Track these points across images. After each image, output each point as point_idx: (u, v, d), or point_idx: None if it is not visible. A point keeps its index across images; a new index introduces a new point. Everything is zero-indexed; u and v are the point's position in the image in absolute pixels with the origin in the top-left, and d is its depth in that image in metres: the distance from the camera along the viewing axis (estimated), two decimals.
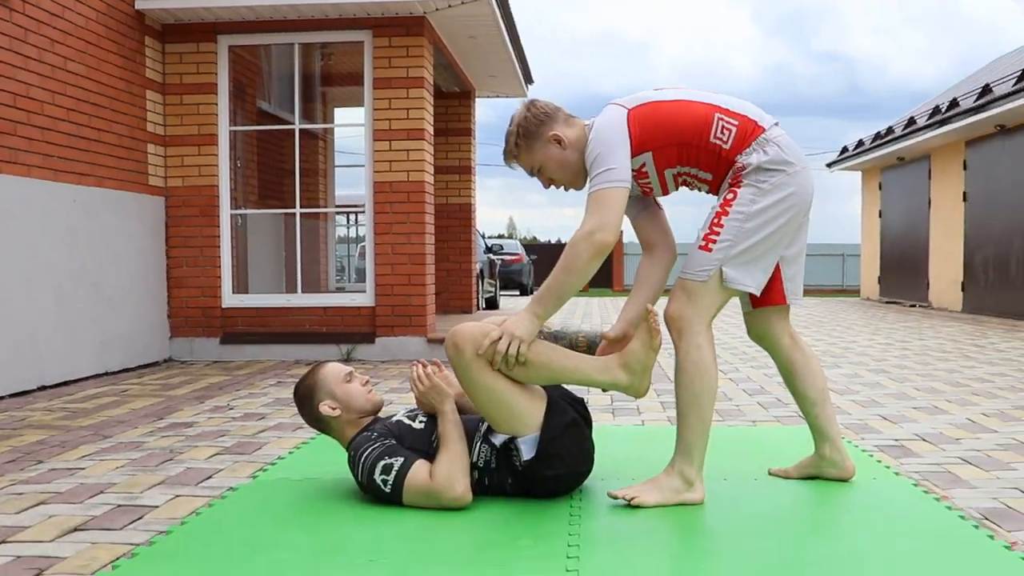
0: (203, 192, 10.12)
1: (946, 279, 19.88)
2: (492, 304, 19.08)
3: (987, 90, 16.89)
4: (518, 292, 31.88)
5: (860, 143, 24.23)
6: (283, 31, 10.08)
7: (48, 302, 8.11)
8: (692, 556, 3.32)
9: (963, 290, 18.91)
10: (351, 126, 11.38)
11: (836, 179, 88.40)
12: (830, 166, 26.62)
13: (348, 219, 28.97)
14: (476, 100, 14.36)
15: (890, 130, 22.28)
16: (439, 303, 13.35)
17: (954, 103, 18.58)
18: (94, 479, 4.61)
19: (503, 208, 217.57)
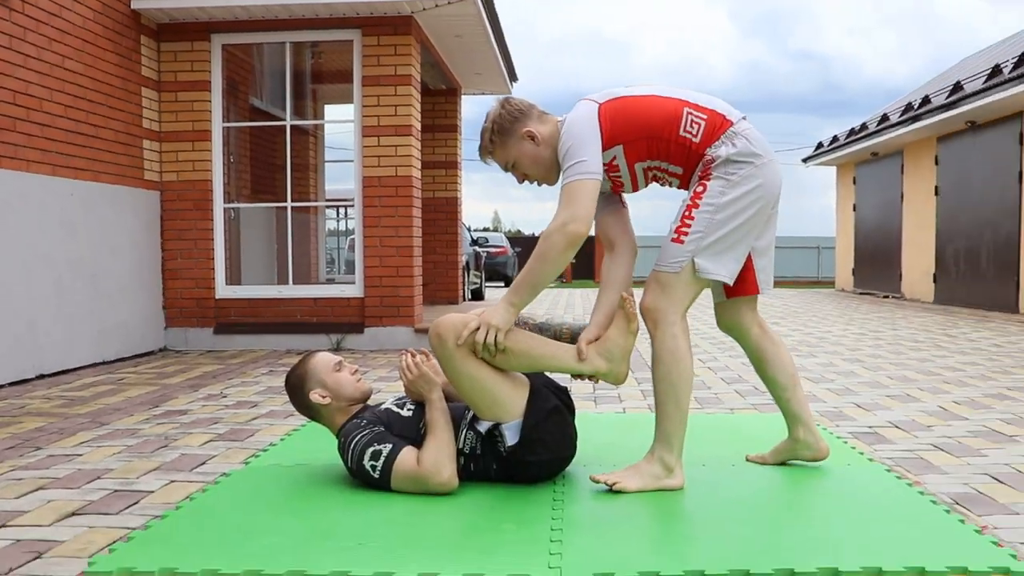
0: (197, 187, 10.10)
1: (918, 271, 19.93)
2: (478, 295, 19.08)
3: (958, 88, 16.92)
4: (503, 283, 31.85)
5: (835, 139, 24.24)
6: (275, 30, 10.06)
7: (47, 293, 8.10)
8: (672, 540, 3.33)
9: (935, 281, 18.95)
10: (341, 122, 11.37)
11: (812, 174, 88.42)
12: (806, 161, 26.63)
13: (338, 213, 28.92)
14: (462, 97, 14.33)
15: (864, 126, 22.30)
16: (426, 294, 13.35)
17: (926, 100, 18.61)
18: (91, 465, 4.61)
19: (488, 202, 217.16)
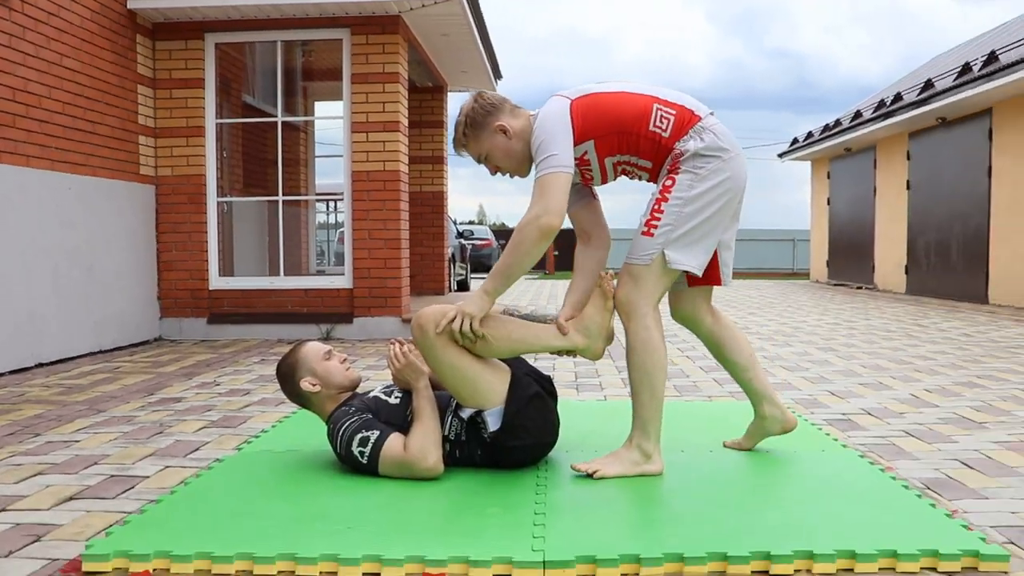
0: (191, 181, 10.07)
1: (891, 263, 19.99)
2: (463, 286, 19.06)
3: (929, 85, 16.99)
4: (487, 275, 31.83)
5: (810, 135, 24.28)
6: (267, 29, 10.03)
7: (45, 284, 8.07)
8: (651, 524, 3.34)
9: (907, 273, 19.02)
10: (330, 119, 11.35)
11: (787, 168, 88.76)
12: (781, 156, 26.63)
13: (328, 206, 28.83)
14: (448, 94, 14.30)
15: (838, 122, 22.34)
16: (413, 285, 13.34)
17: (898, 97, 18.65)
18: (88, 451, 4.60)
19: (474, 196, 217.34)
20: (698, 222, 3.84)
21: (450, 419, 3.95)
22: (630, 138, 3.88)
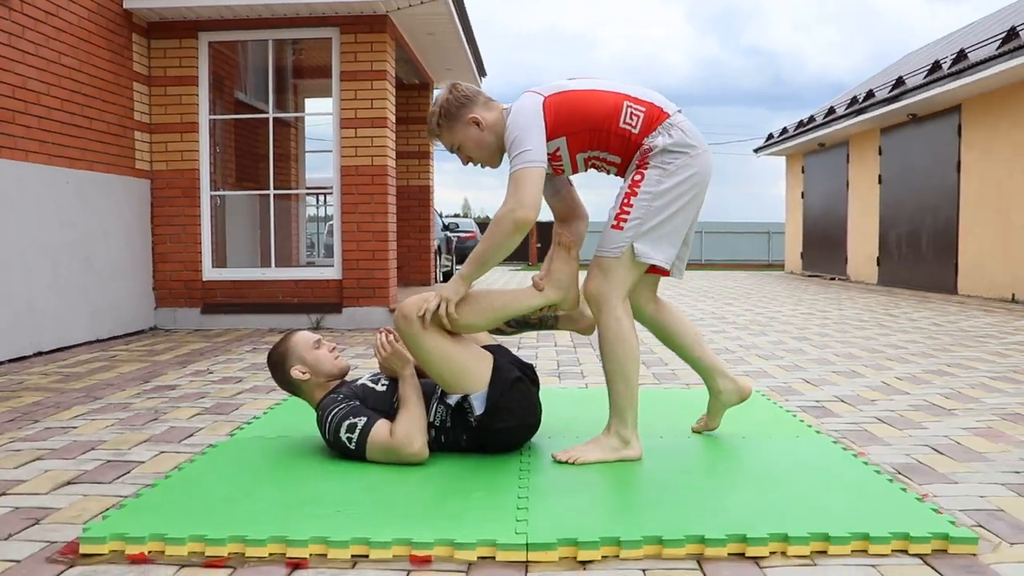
0: (185, 175, 10.03)
1: (863, 254, 20.04)
2: (449, 277, 19.01)
3: (900, 82, 17.03)
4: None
5: (784, 130, 24.30)
6: (258, 28, 9.99)
7: (44, 275, 8.04)
8: (631, 508, 3.34)
9: (878, 264, 19.08)
10: (320, 115, 11.33)
11: (762, 163, 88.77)
12: (757, 151, 26.67)
13: (317, 200, 28.79)
14: (434, 91, 14.26)
15: (812, 119, 22.38)
16: (400, 276, 13.33)
17: (870, 94, 18.70)
18: (86, 437, 4.58)
19: (459, 189, 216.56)
20: (666, 216, 3.85)
21: (435, 406, 3.95)
22: (601, 135, 3.88)
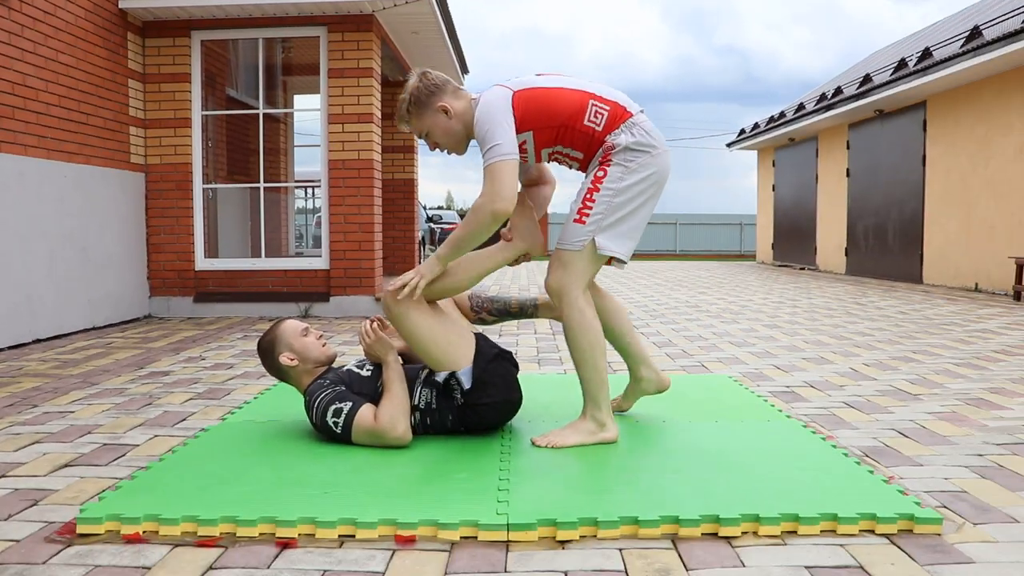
0: (178, 169, 10.00)
1: (832, 245, 20.11)
2: None
3: (867, 79, 17.08)
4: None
5: (756, 125, 24.36)
6: (249, 27, 9.95)
7: (42, 265, 8.01)
8: (608, 489, 3.34)
9: (846, 255, 19.14)
10: (308, 111, 11.29)
11: (735, 157, 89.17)
12: (729, 146, 26.71)
13: (306, 192, 28.76)
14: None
15: (782, 114, 22.44)
16: (386, 267, 13.31)
17: (839, 91, 18.75)
18: (83, 421, 4.57)
19: (443, 183, 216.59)
20: (627, 212, 3.87)
21: (419, 389, 3.95)
22: (566, 131, 3.89)
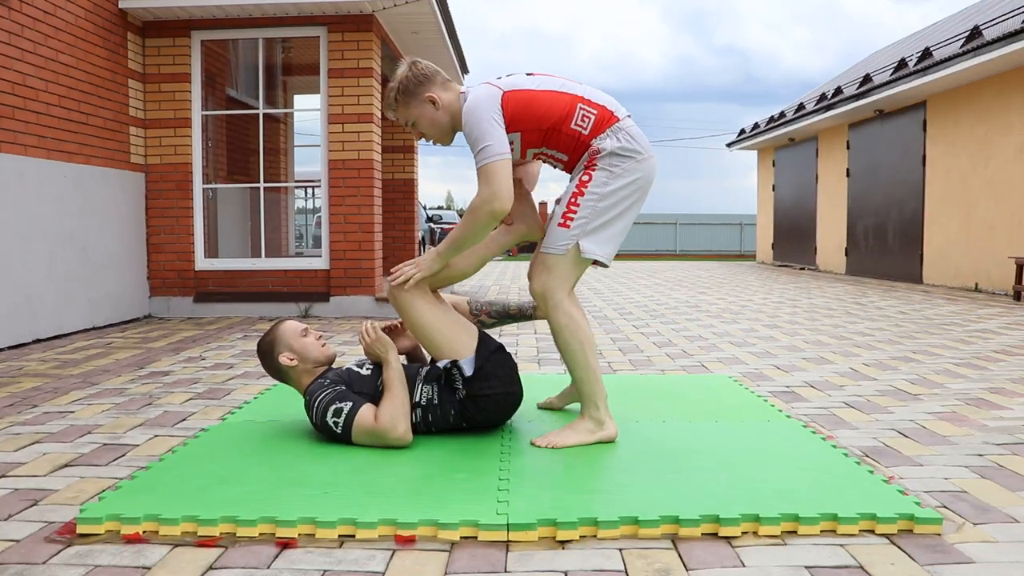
0: (178, 169, 10.00)
1: (832, 245, 20.10)
2: None
3: (867, 79, 17.07)
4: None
5: (756, 125, 24.34)
6: (249, 27, 9.95)
7: (42, 265, 8.00)
8: (608, 489, 3.33)
9: (846, 255, 19.12)
10: (308, 111, 11.27)
11: (735, 157, 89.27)
12: (729, 146, 26.69)
13: (306, 192, 28.76)
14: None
15: (782, 114, 22.42)
16: (386, 267, 13.30)
17: (839, 91, 18.74)
18: (83, 421, 4.57)
19: (443, 183, 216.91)
20: (611, 216, 3.89)
21: (420, 387, 3.96)
22: (553, 134, 3.90)
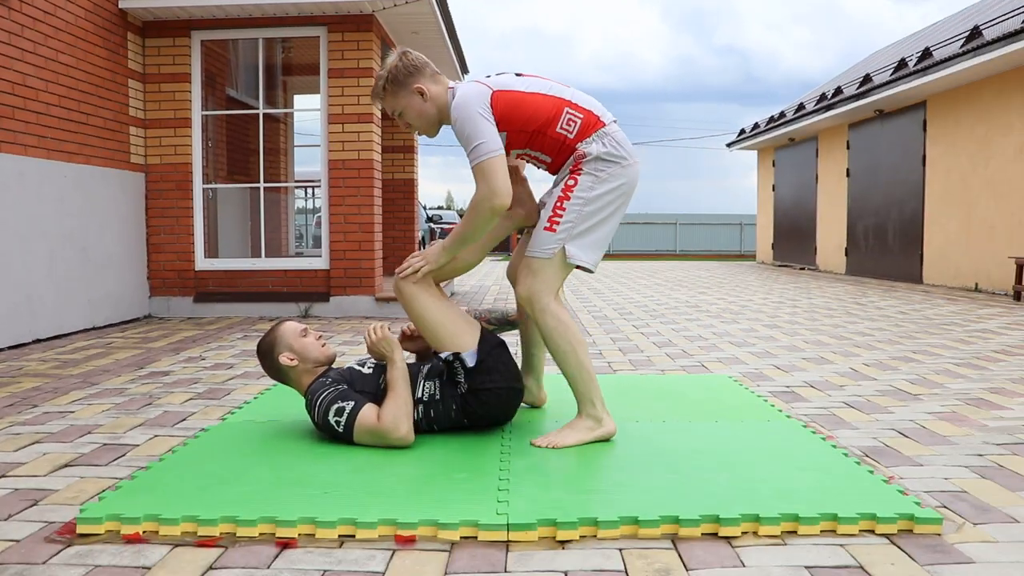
0: (178, 169, 10.00)
1: (831, 245, 20.10)
2: None
3: (867, 79, 17.07)
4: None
5: (756, 125, 24.34)
6: (249, 27, 9.95)
7: (42, 265, 8.00)
8: (608, 489, 3.32)
9: (846, 255, 19.13)
10: (309, 111, 11.27)
11: (735, 157, 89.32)
12: (729, 146, 26.70)
13: (306, 192, 28.76)
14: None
15: (782, 114, 22.42)
16: (386, 266, 13.29)
17: (839, 91, 18.74)
18: (83, 421, 4.57)
19: (442, 183, 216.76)
20: (596, 221, 3.91)
21: (422, 383, 3.96)
22: (538, 137, 3.92)
